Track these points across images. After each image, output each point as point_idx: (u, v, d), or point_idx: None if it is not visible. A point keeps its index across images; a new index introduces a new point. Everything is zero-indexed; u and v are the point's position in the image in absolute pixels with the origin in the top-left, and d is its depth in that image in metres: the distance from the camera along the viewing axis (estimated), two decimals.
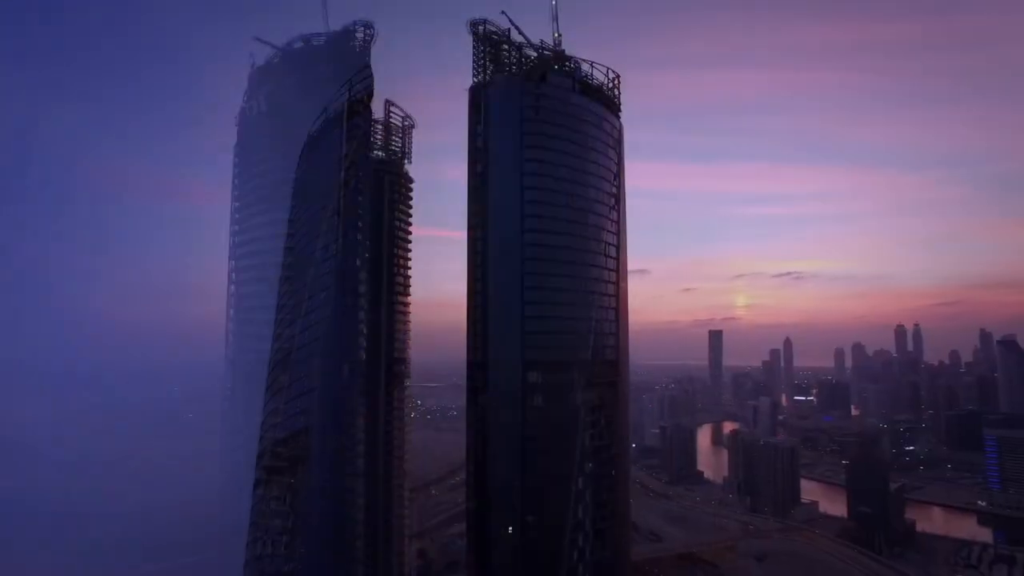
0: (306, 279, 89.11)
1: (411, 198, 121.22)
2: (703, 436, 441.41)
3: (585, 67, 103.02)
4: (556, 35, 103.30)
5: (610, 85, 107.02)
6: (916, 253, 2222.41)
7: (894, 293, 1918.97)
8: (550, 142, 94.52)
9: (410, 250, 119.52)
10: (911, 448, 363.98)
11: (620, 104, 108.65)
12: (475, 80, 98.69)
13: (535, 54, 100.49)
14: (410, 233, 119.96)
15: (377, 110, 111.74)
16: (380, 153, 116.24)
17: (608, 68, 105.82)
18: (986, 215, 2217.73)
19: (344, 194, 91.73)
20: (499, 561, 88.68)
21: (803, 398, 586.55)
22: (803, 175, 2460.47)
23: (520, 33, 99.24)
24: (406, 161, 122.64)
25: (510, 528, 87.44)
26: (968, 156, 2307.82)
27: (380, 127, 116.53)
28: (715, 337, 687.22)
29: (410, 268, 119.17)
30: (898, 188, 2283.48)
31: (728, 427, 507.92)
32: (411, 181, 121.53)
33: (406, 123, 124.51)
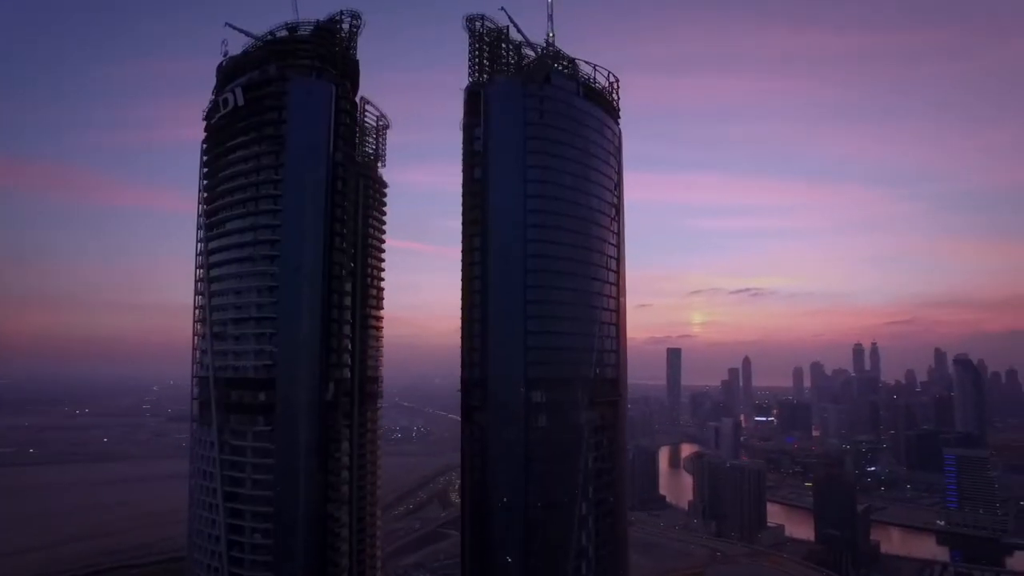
0: (290, 289, 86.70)
1: (385, 204, 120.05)
2: (662, 459, 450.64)
3: (586, 69, 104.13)
4: (550, 35, 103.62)
5: (610, 89, 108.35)
6: (871, 270, 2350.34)
7: (850, 311, 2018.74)
8: (554, 147, 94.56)
9: (384, 260, 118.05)
10: (872, 469, 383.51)
11: (619, 109, 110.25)
12: (471, 80, 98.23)
13: (533, 54, 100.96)
14: (384, 242, 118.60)
15: None
16: None
17: (609, 71, 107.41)
18: (939, 233, 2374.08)
19: (332, 198, 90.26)
20: None
21: (764, 419, 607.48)
22: (762, 188, 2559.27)
23: (519, 31, 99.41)
24: (379, 164, 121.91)
25: (509, 555, 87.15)
26: (924, 173, 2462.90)
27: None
28: (673, 355, 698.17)
29: (383, 280, 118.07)
30: (855, 204, 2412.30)
31: (687, 449, 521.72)
32: (385, 186, 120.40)
33: (380, 123, 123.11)
